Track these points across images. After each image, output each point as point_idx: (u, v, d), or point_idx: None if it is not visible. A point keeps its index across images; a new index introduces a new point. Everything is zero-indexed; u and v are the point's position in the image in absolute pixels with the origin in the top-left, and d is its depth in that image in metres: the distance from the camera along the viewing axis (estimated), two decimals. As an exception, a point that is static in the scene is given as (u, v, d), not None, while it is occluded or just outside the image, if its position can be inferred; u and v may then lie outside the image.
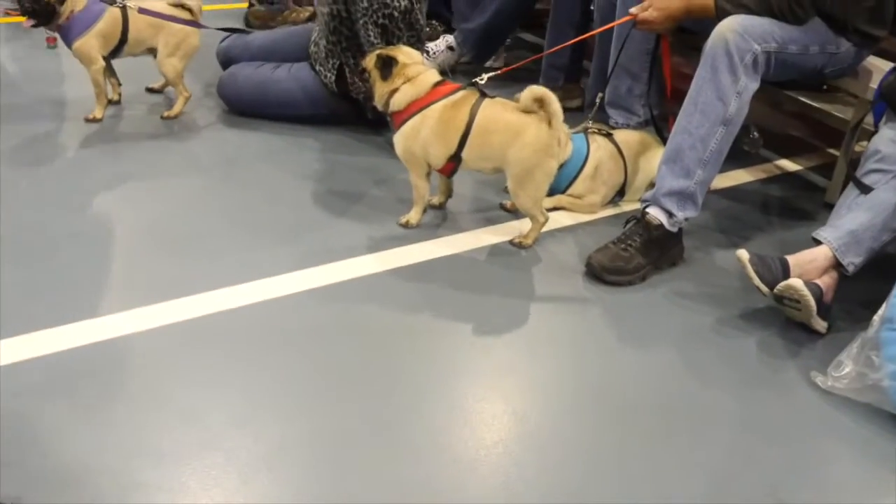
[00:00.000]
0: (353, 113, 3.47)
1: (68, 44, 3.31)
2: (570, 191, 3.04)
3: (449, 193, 2.97)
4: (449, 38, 4.18)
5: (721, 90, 2.62)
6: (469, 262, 2.73)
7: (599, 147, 3.07)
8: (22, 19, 3.23)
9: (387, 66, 2.70)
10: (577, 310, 2.56)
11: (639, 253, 2.69)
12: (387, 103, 2.75)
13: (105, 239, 2.68)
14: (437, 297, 2.53)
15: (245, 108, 3.53)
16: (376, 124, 3.44)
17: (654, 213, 2.72)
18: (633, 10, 2.94)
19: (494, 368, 2.29)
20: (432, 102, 2.70)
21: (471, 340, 2.37)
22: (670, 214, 2.71)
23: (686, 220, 2.73)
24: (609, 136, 3.12)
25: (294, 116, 3.52)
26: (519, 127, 2.65)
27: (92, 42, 3.29)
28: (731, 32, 2.62)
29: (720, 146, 2.67)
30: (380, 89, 2.73)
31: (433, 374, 2.23)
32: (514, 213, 2.95)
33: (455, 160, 2.74)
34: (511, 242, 2.82)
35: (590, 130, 3.13)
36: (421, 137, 2.71)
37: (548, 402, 2.18)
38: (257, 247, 2.70)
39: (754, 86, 2.66)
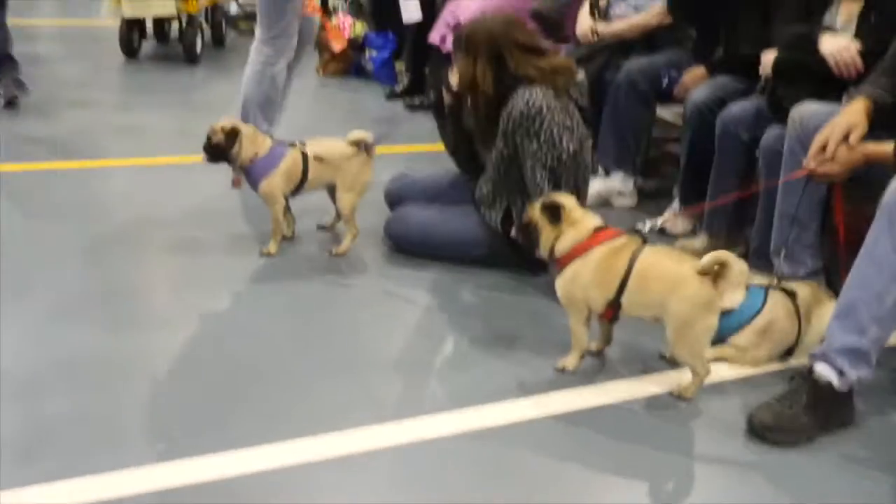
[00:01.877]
0: (516, 255, 3.46)
1: (254, 185, 3.51)
2: (734, 341, 2.91)
3: (608, 340, 2.91)
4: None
5: None
6: (625, 413, 2.64)
7: (777, 304, 2.94)
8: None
9: (554, 212, 2.72)
10: (737, 471, 2.41)
11: (805, 412, 2.52)
12: (552, 250, 2.76)
13: (266, 368, 2.74)
14: (590, 447, 2.45)
15: (411, 248, 3.60)
16: (538, 267, 3.45)
17: (823, 371, 2.55)
18: (810, 164, 2.84)
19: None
20: (594, 247, 2.69)
21: (622, 497, 2.27)
22: (841, 373, 2.53)
23: (858, 379, 2.55)
24: (792, 295, 2.98)
25: (458, 257, 3.56)
26: (679, 278, 2.58)
27: (276, 182, 3.48)
28: None
29: None
30: (547, 236, 2.73)
31: None
32: (674, 365, 2.85)
33: (615, 306, 2.70)
34: (671, 394, 2.72)
35: (772, 286, 3.00)
36: (582, 282, 2.68)
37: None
38: (411, 384, 2.71)
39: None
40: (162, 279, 3.41)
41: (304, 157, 3.51)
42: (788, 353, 2.97)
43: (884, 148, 2.74)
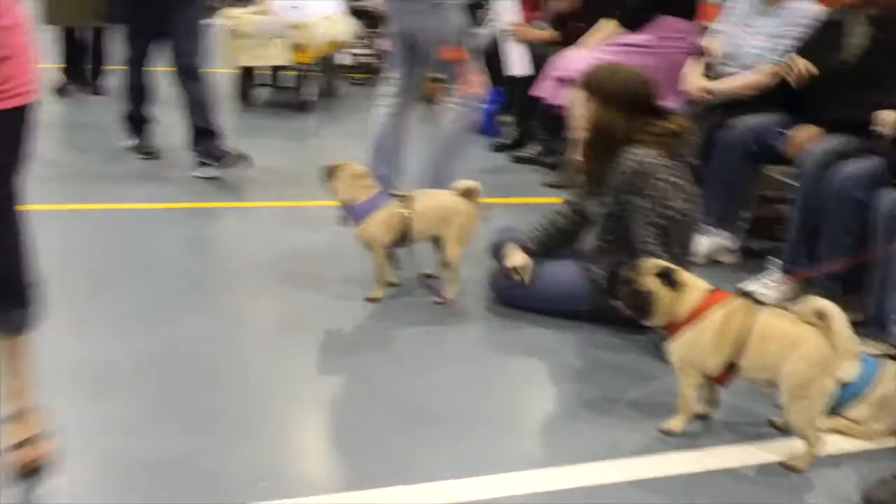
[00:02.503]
0: (618, 312, 3.43)
1: (354, 224, 3.58)
2: (849, 413, 2.78)
3: (715, 403, 2.82)
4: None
5: None
6: (732, 480, 2.55)
7: (893, 375, 2.81)
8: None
9: (670, 278, 2.66)
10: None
11: None
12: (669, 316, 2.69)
13: (358, 416, 2.76)
14: None
15: (513, 301, 3.58)
16: (639, 324, 3.39)
17: None
18: None
19: None
20: (711, 309, 2.63)
21: None
22: None
23: None
24: (907, 365, 2.86)
25: (561, 312, 3.52)
26: (797, 338, 2.51)
27: (372, 229, 3.52)
28: None
29: None
30: (666, 302, 2.66)
31: None
32: (785, 432, 2.74)
33: (732, 369, 2.63)
34: (782, 464, 2.61)
35: (885, 355, 2.88)
36: (701, 346, 2.62)
37: None
38: (504, 439, 2.68)
39: None
40: (269, 316, 3.48)
41: (406, 210, 3.54)
42: (906, 427, 2.84)
43: None
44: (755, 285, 3.91)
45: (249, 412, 2.73)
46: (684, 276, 2.68)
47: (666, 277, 2.65)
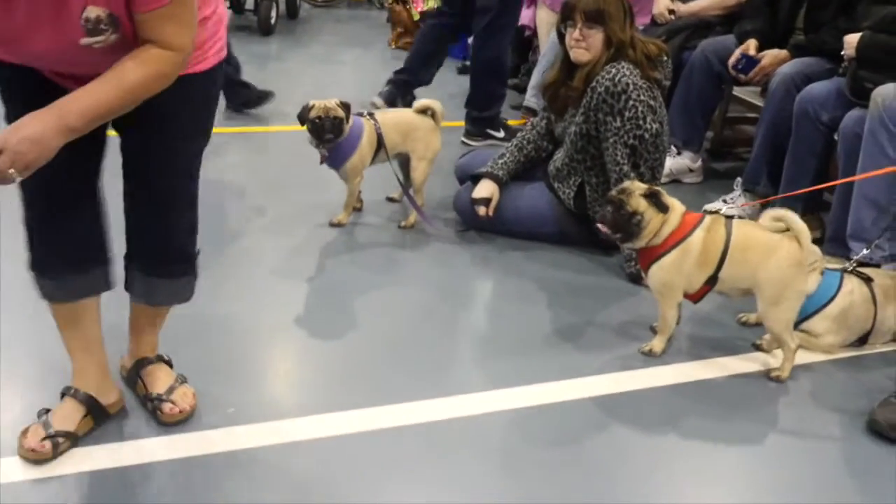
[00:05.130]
0: (586, 232, 3.39)
1: (338, 164, 3.45)
2: (806, 326, 2.80)
3: (678, 319, 2.84)
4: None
5: None
6: (710, 390, 2.58)
7: (853, 290, 2.82)
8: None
9: (658, 199, 2.62)
10: (826, 448, 2.34)
11: None
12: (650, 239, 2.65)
13: (328, 339, 2.71)
14: (667, 425, 2.38)
15: (478, 224, 3.53)
16: (607, 245, 3.38)
17: None
18: None
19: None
20: (691, 231, 2.62)
21: (698, 476, 2.19)
22: None
23: None
24: (868, 280, 2.87)
25: (527, 233, 3.49)
26: (772, 245, 2.56)
27: (360, 157, 3.44)
28: None
29: None
30: (654, 225, 2.62)
31: None
32: (768, 352, 2.78)
33: (710, 282, 2.64)
34: (766, 375, 2.65)
35: (848, 270, 2.90)
36: (685, 266, 2.62)
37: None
38: (478, 360, 2.65)
39: None
40: (226, 241, 3.38)
41: (377, 125, 3.47)
42: (862, 340, 2.88)
43: None
44: (718, 205, 3.94)
45: (218, 337, 2.68)
46: (669, 198, 2.67)
47: (654, 199, 2.63)
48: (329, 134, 3.34)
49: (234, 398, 2.34)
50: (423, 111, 3.57)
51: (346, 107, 3.37)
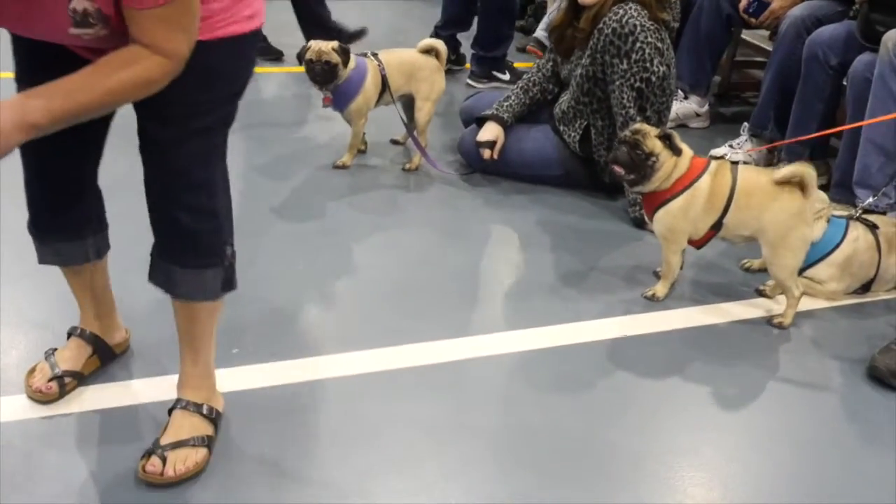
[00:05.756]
0: (591, 176, 3.38)
1: (342, 106, 3.40)
2: (810, 273, 2.79)
3: (681, 265, 2.84)
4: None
5: None
6: (716, 335, 2.59)
7: (858, 238, 2.80)
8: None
9: (672, 142, 2.59)
10: (827, 394, 2.36)
11: None
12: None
13: (330, 281, 2.70)
14: (670, 369, 2.39)
15: (483, 166, 3.50)
16: (612, 189, 3.36)
17: None
18: None
19: (718, 453, 2.11)
20: (698, 177, 2.60)
21: (699, 421, 2.21)
22: None
23: None
24: (874, 228, 2.85)
25: (531, 176, 3.47)
26: (775, 191, 2.54)
27: (364, 99, 3.39)
28: None
29: None
30: (667, 168, 2.60)
31: (650, 451, 2.08)
32: (771, 298, 2.79)
33: (715, 228, 2.63)
34: (768, 322, 2.66)
35: (854, 217, 2.88)
36: (692, 211, 2.60)
37: (770, 500, 1.97)
38: (482, 303, 2.66)
39: None
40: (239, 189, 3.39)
41: (381, 66, 3.42)
42: (865, 288, 2.88)
43: None
44: (724, 150, 3.91)
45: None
46: (681, 142, 2.64)
47: (668, 141, 2.60)
48: (319, 78, 3.28)
49: (236, 340, 2.34)
50: (427, 51, 3.52)
51: (343, 51, 3.30)
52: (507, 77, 4.66)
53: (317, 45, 3.28)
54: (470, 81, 4.69)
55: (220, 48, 1.68)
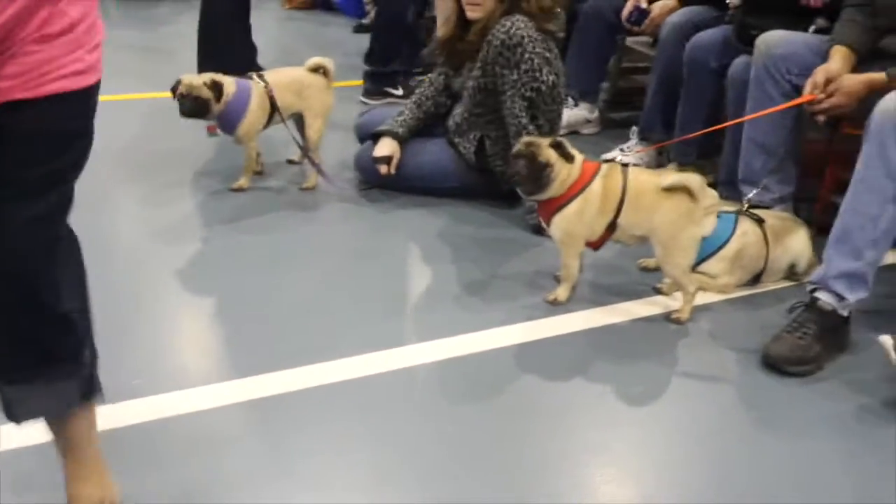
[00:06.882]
0: (488, 186, 3.41)
1: (230, 130, 3.37)
2: (703, 268, 2.87)
3: (581, 268, 2.87)
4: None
5: (890, 167, 2.42)
6: (617, 334, 2.64)
7: (747, 232, 2.90)
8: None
9: (564, 149, 2.64)
10: (726, 384, 2.44)
11: (816, 341, 2.48)
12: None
13: (232, 305, 2.67)
14: (575, 371, 2.42)
15: (380, 181, 3.49)
16: (510, 198, 3.39)
17: (825, 299, 2.51)
18: (811, 92, 2.79)
19: (627, 449, 2.16)
20: (590, 181, 2.66)
21: (607, 418, 2.25)
22: (840, 298, 2.49)
23: (857, 302, 2.51)
24: (761, 222, 2.96)
25: (430, 189, 3.48)
26: (665, 192, 2.61)
27: (251, 121, 3.36)
28: None
29: (890, 225, 2.45)
30: (563, 175, 2.64)
31: (562, 450, 2.11)
32: (668, 295, 2.85)
33: (611, 229, 2.68)
34: (668, 319, 2.72)
35: (742, 213, 2.98)
36: (588, 215, 2.65)
37: (681, 490, 2.03)
38: (388, 317, 2.65)
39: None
40: (135, 216, 3.29)
41: (268, 87, 3.39)
42: (755, 279, 2.99)
43: (878, 75, 2.72)
44: (614, 153, 4.00)
45: (122, 306, 2.62)
46: (571, 148, 2.69)
47: (561, 149, 2.65)
48: (188, 112, 3.24)
49: (137, 372, 2.28)
50: (315, 69, 3.51)
51: (215, 86, 3.25)
52: (400, 93, 4.67)
53: (188, 79, 3.24)
54: (363, 99, 4.68)
55: (42, 108, 1.41)
